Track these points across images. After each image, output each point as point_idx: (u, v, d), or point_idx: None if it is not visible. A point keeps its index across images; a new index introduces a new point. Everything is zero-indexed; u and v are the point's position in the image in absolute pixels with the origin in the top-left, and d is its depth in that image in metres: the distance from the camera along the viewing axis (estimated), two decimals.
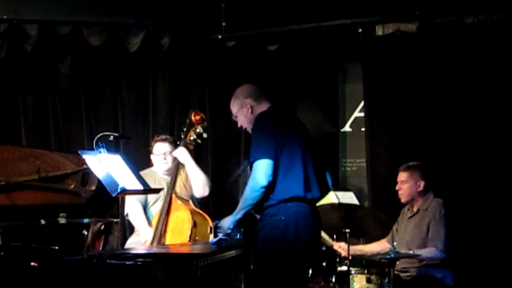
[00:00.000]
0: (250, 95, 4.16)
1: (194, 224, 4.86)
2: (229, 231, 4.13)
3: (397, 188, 5.26)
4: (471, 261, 5.59)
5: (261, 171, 3.83)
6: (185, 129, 5.19)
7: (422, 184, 5.15)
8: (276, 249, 3.84)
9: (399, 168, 5.29)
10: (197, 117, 5.17)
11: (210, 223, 4.92)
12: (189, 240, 4.79)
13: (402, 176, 5.22)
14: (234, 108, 4.21)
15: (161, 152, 5.33)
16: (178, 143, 5.22)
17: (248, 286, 4.08)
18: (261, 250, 3.91)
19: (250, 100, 4.14)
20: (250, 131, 4.16)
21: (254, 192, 3.88)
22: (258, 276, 3.95)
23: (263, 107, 4.12)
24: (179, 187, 5.23)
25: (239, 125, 4.23)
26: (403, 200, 5.24)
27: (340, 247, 5.28)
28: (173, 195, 5.01)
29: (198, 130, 5.14)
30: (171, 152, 5.28)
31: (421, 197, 5.18)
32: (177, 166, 5.12)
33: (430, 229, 5.02)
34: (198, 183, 5.17)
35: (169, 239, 4.91)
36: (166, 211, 4.96)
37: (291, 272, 3.87)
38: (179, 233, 4.87)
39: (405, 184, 5.20)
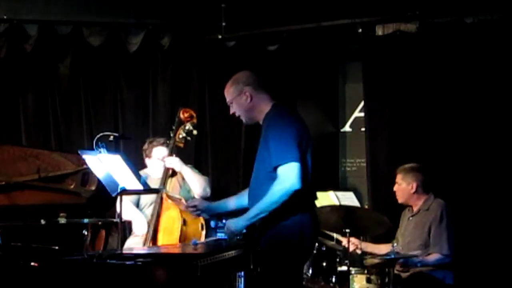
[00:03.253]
0: (251, 83, 3.92)
1: (184, 223, 4.86)
2: (236, 234, 3.89)
3: (394, 189, 5.30)
4: (471, 261, 5.59)
5: (293, 174, 3.64)
6: (174, 128, 5.18)
7: (414, 185, 5.18)
8: (283, 251, 3.76)
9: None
10: (186, 115, 5.17)
11: (201, 220, 4.91)
12: (180, 239, 4.79)
13: (397, 178, 5.28)
14: (231, 94, 3.95)
15: (160, 157, 5.30)
16: (168, 142, 5.21)
17: (248, 286, 4.07)
18: (267, 253, 3.83)
19: (250, 88, 3.90)
20: (244, 120, 4.01)
21: (285, 196, 3.66)
22: (264, 277, 3.89)
23: (263, 98, 3.93)
24: (172, 187, 5.22)
25: (231, 112, 4.00)
26: (398, 201, 5.30)
27: (353, 243, 5.24)
28: (164, 195, 5.01)
29: (187, 128, 5.14)
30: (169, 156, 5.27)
31: (417, 198, 5.19)
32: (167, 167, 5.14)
33: (432, 232, 5.03)
34: (197, 186, 5.17)
35: (161, 239, 4.92)
36: (158, 211, 4.97)
37: (296, 272, 3.86)
38: (170, 232, 4.88)
39: (399, 186, 5.25)
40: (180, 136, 5.13)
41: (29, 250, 4.35)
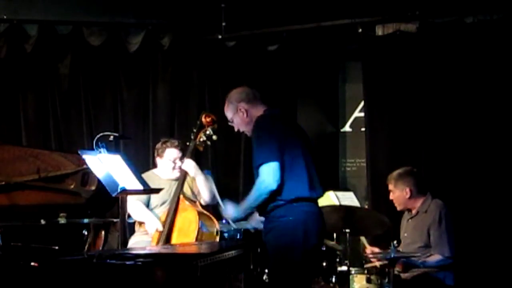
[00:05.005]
0: (242, 99, 4.10)
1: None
2: (233, 220, 4.28)
3: (390, 198, 5.28)
4: (472, 261, 5.59)
5: (270, 174, 3.81)
6: (195, 130, 5.18)
7: (408, 190, 5.15)
8: (287, 250, 3.84)
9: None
10: (208, 119, 5.18)
11: (217, 225, 4.94)
12: (196, 241, 4.80)
13: (389, 187, 5.25)
14: (229, 113, 4.15)
15: (171, 159, 5.31)
16: (187, 144, 5.22)
17: (248, 286, 4.08)
18: (272, 252, 3.90)
19: (244, 103, 4.08)
20: (248, 134, 4.14)
21: (263, 195, 3.86)
22: (271, 277, 3.95)
23: (259, 109, 4.08)
24: (185, 190, 5.23)
25: (236, 129, 4.19)
26: (398, 209, 5.27)
27: (373, 252, 5.23)
28: (181, 196, 5.02)
29: (208, 132, 5.15)
30: (180, 158, 5.27)
31: (414, 201, 5.17)
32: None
33: (432, 235, 5.01)
34: (207, 194, 5.17)
35: (175, 239, 4.93)
36: (174, 211, 4.97)
37: (302, 271, 3.89)
38: (186, 234, 4.88)
39: (394, 194, 5.23)
40: (201, 140, 5.15)
41: (29, 250, 4.35)
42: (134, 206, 5.21)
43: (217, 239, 4.92)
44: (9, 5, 6.39)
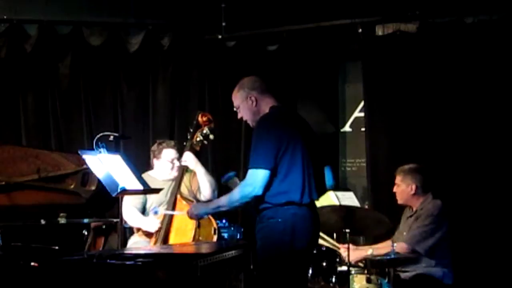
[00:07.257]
0: (256, 87, 4.04)
1: (198, 225, 4.87)
2: (197, 219, 4.37)
3: (393, 190, 5.27)
4: (471, 260, 5.60)
5: (257, 180, 3.77)
6: (191, 130, 5.17)
7: (413, 187, 5.14)
8: (274, 251, 3.82)
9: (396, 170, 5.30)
10: (204, 118, 5.16)
11: (214, 224, 4.94)
12: (193, 241, 4.81)
13: (397, 179, 5.23)
14: (238, 99, 4.07)
15: (169, 159, 5.29)
16: (184, 144, 5.21)
17: (248, 286, 4.08)
18: (260, 252, 3.89)
19: (255, 92, 4.02)
20: (251, 124, 4.08)
21: (245, 198, 3.82)
22: (258, 278, 3.95)
23: (268, 101, 4.04)
24: (183, 189, 5.23)
25: (239, 116, 4.13)
26: (398, 202, 5.27)
27: (345, 251, 5.22)
28: (178, 196, 5.02)
29: (204, 132, 5.13)
30: (178, 159, 5.26)
31: (416, 199, 5.17)
32: (182, 167, 5.13)
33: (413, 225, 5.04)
34: (207, 187, 5.16)
35: (173, 239, 4.93)
36: (171, 211, 4.97)
37: (290, 273, 3.86)
38: (183, 234, 4.88)
39: (399, 187, 5.22)
40: (197, 139, 5.13)
41: (29, 250, 4.35)
42: (128, 213, 5.19)
43: (215, 238, 4.93)
44: (9, 5, 6.39)
